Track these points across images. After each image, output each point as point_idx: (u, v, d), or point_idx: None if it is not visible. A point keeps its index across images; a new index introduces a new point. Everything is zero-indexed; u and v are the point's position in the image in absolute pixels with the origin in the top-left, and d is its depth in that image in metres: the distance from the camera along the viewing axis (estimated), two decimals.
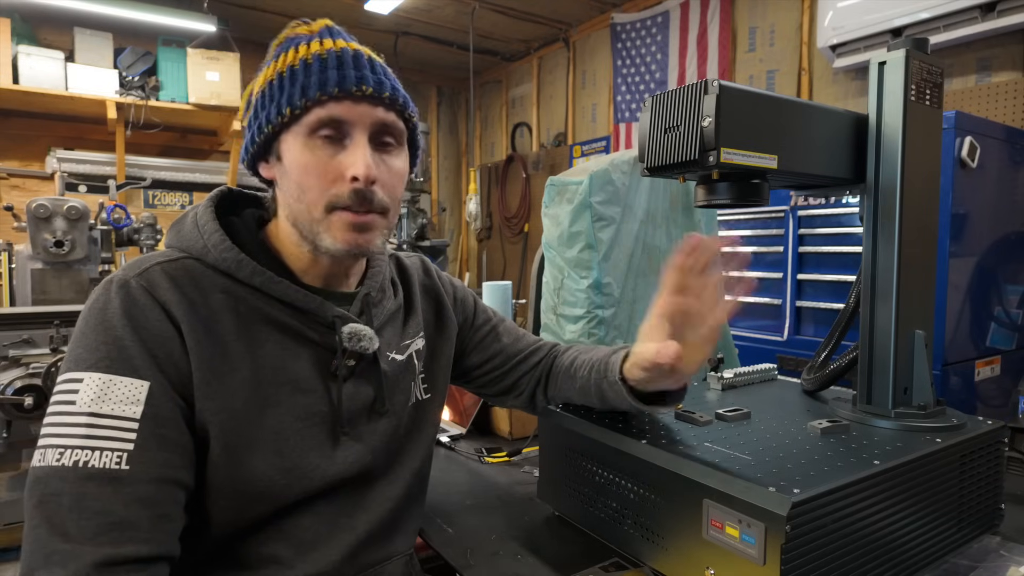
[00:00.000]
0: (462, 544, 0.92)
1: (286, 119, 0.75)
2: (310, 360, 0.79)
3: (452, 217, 6.87)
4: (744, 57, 3.99)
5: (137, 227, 3.69)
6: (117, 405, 0.66)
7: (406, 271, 1.00)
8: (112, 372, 0.67)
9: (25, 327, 2.51)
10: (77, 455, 0.63)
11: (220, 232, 0.78)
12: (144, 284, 0.71)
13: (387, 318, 0.90)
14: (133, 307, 0.70)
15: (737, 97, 0.78)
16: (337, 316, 0.80)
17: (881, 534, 0.72)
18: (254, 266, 0.76)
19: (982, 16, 2.68)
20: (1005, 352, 2.23)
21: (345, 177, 0.75)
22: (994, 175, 2.11)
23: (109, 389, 0.66)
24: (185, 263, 0.76)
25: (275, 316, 0.77)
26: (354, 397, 0.82)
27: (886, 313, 0.90)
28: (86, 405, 0.65)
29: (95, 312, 0.70)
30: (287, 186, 0.78)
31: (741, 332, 2.53)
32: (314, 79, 0.74)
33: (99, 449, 0.64)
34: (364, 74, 0.76)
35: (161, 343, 0.70)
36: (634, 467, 0.80)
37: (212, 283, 0.75)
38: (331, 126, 0.75)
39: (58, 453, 0.64)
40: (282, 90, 0.75)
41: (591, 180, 1.41)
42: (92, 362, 0.67)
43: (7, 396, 2.29)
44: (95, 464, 0.63)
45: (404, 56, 5.66)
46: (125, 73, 4.48)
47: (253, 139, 0.79)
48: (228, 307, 0.75)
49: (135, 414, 0.66)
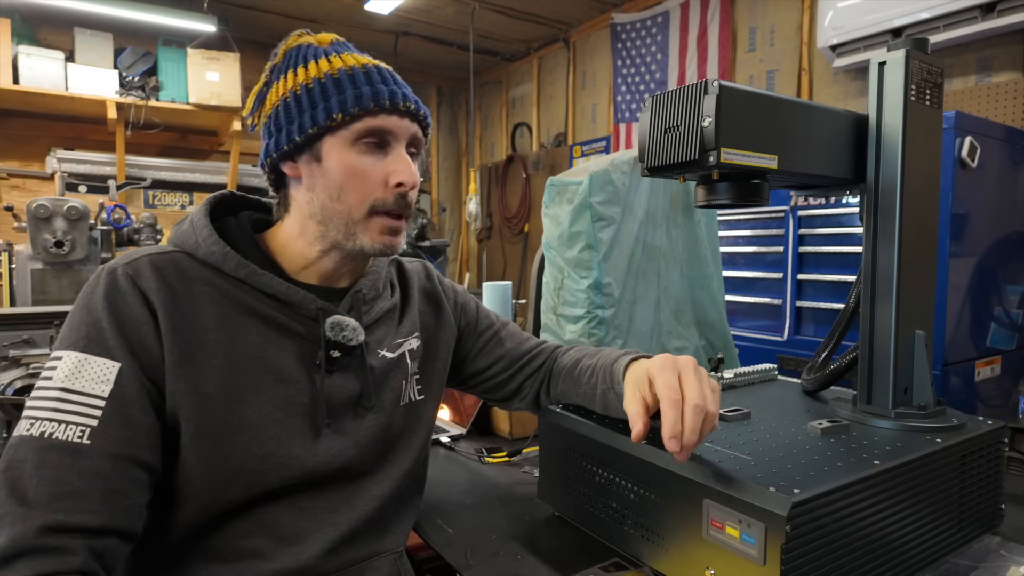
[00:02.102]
0: (462, 544, 0.92)
1: (335, 123, 0.80)
2: (295, 352, 0.81)
3: (452, 217, 6.87)
4: (744, 57, 3.99)
5: (137, 227, 3.69)
6: (88, 383, 0.69)
7: (406, 274, 1.02)
8: (88, 352, 0.71)
9: (25, 327, 2.51)
10: (44, 426, 0.67)
11: (210, 228, 0.82)
12: (130, 272, 0.75)
13: (380, 316, 0.92)
14: (115, 293, 0.74)
15: (737, 97, 0.78)
16: (320, 308, 0.82)
17: (881, 534, 0.72)
18: (239, 259, 0.80)
19: (982, 16, 2.68)
20: (1005, 352, 2.23)
21: (389, 183, 0.82)
22: (994, 175, 2.11)
23: (83, 367, 0.70)
24: (174, 256, 0.80)
25: (259, 308, 0.80)
26: (339, 390, 0.84)
27: (886, 313, 0.90)
28: (60, 381, 0.69)
29: (84, 296, 0.75)
30: (323, 185, 0.82)
31: (741, 332, 2.53)
32: (366, 90, 0.80)
33: (64, 423, 0.67)
34: (406, 92, 0.84)
35: (135, 327, 0.73)
36: (634, 467, 0.80)
37: (198, 275, 0.79)
38: (376, 135, 0.82)
39: (29, 424, 0.68)
40: (326, 96, 0.80)
41: (591, 180, 1.41)
42: (72, 341, 0.71)
43: (7, 396, 2.29)
44: (59, 436, 0.67)
45: (404, 56, 5.66)
46: (125, 73, 4.49)
47: (291, 138, 0.81)
48: (210, 298, 0.78)
49: (103, 392, 0.70)
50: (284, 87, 0.83)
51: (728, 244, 2.63)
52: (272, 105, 0.84)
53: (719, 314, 1.64)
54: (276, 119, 0.83)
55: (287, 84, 0.83)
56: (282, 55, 0.86)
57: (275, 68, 0.86)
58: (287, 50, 0.86)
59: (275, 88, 0.84)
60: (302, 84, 0.82)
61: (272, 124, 0.83)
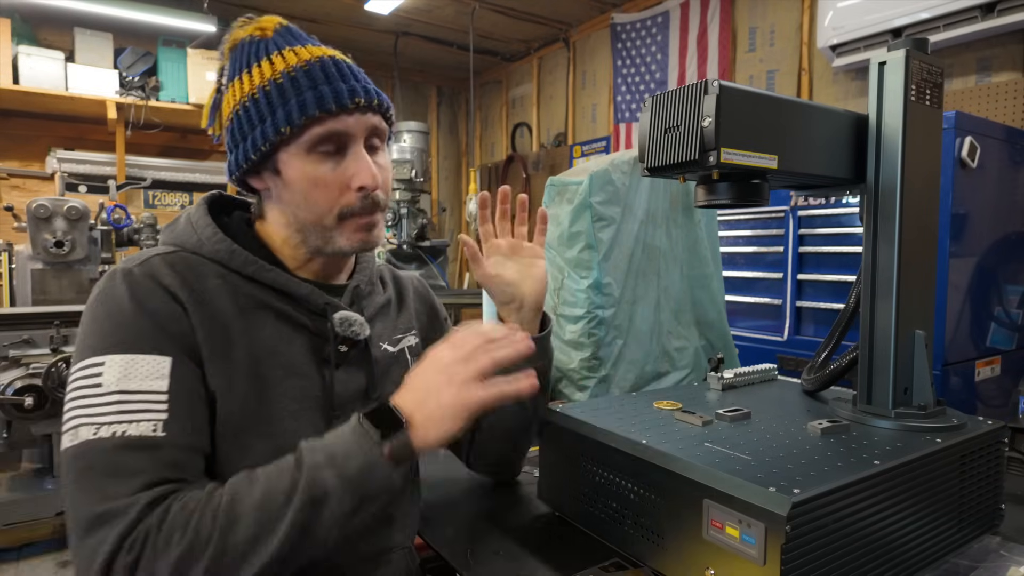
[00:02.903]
0: (462, 544, 0.92)
1: (285, 137, 0.77)
2: (304, 346, 0.82)
3: (452, 217, 6.87)
4: (744, 57, 3.99)
5: (137, 227, 3.69)
6: (143, 381, 0.69)
7: (399, 279, 1.05)
8: (132, 352, 0.69)
9: (25, 327, 2.51)
10: (113, 428, 0.66)
11: (213, 226, 0.81)
12: (147, 271, 0.75)
13: (377, 310, 0.93)
14: (139, 291, 0.73)
15: (737, 97, 0.78)
16: (328, 303, 0.83)
17: (881, 534, 0.72)
18: (246, 255, 0.80)
19: (982, 16, 2.68)
20: (1005, 352, 2.23)
21: (351, 187, 0.80)
22: (994, 175, 2.11)
23: (132, 367, 0.69)
24: (181, 254, 0.79)
25: (269, 303, 0.80)
26: (347, 383, 0.85)
27: (886, 313, 0.90)
28: (113, 385, 0.68)
29: (102, 301, 0.73)
30: (289, 197, 0.81)
31: (741, 332, 2.53)
32: (309, 96, 0.76)
33: (134, 421, 0.67)
34: (354, 85, 0.79)
35: (172, 321, 0.73)
36: (634, 467, 0.80)
37: (208, 271, 0.79)
38: (330, 140, 0.79)
39: (94, 429, 0.66)
40: (272, 108, 0.77)
41: (591, 180, 1.41)
42: (109, 346, 0.70)
43: (7, 396, 2.29)
44: (132, 432, 0.66)
45: (404, 56, 5.66)
46: (125, 73, 4.49)
47: (247, 157, 0.80)
48: (225, 291, 0.78)
49: (162, 387, 0.69)
50: (235, 97, 0.80)
51: (728, 244, 2.63)
52: (227, 117, 0.82)
53: (719, 314, 1.64)
54: (232, 133, 0.81)
55: (237, 94, 0.80)
56: (228, 55, 0.83)
57: (223, 71, 0.83)
58: (232, 49, 0.82)
59: (227, 97, 0.82)
60: (249, 94, 0.79)
61: (230, 138, 0.82)
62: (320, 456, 0.68)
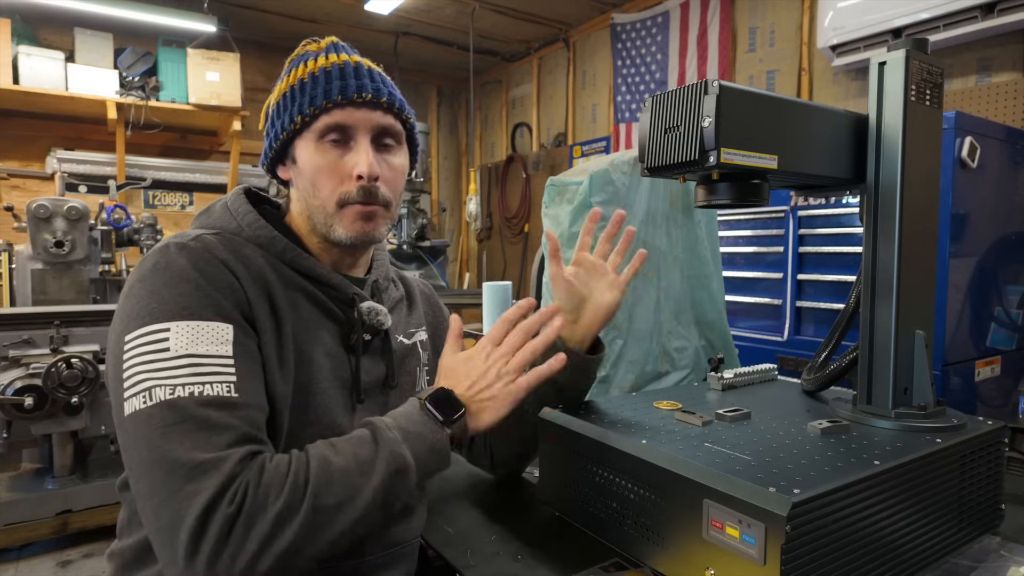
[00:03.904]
0: (462, 544, 0.92)
1: (298, 126, 0.86)
2: (333, 332, 0.87)
3: (452, 217, 6.87)
4: (744, 57, 3.99)
5: (137, 227, 3.69)
6: (211, 346, 0.71)
7: (406, 280, 1.10)
8: (196, 319, 0.72)
9: (25, 327, 2.51)
10: (191, 388, 0.68)
11: (254, 213, 0.87)
12: (202, 244, 0.78)
13: (393, 304, 0.99)
14: (200, 262, 0.76)
15: (737, 97, 0.78)
16: (356, 294, 0.89)
17: (881, 534, 0.72)
18: (286, 243, 0.86)
19: (982, 16, 2.68)
20: (1005, 352, 2.23)
21: (352, 176, 0.86)
22: (994, 175, 2.11)
23: (199, 333, 0.72)
24: (226, 236, 0.84)
25: (305, 287, 0.86)
26: (370, 371, 0.90)
27: (886, 313, 0.90)
28: (183, 348, 0.70)
29: (160, 270, 0.75)
30: (302, 185, 0.88)
31: (741, 332, 2.53)
32: (320, 89, 0.85)
33: (209, 383, 0.69)
34: (363, 83, 0.86)
35: (231, 292, 0.76)
36: (634, 467, 0.80)
37: (252, 252, 0.83)
38: (337, 131, 0.86)
39: (169, 390, 0.68)
40: (294, 101, 0.86)
41: (591, 180, 1.41)
42: (173, 312, 0.72)
43: (7, 396, 2.29)
44: (210, 393, 0.69)
45: (404, 56, 5.66)
46: (125, 73, 4.49)
47: (271, 145, 0.90)
48: (270, 269, 0.83)
49: (227, 352, 0.72)
50: (273, 98, 0.90)
51: (728, 244, 2.63)
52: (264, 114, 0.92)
53: (719, 314, 1.64)
54: (267, 129, 0.91)
55: (274, 95, 0.90)
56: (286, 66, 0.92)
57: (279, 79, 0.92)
58: (289, 61, 0.93)
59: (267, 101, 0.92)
60: (280, 93, 0.88)
61: (265, 131, 0.92)
62: (396, 433, 0.74)
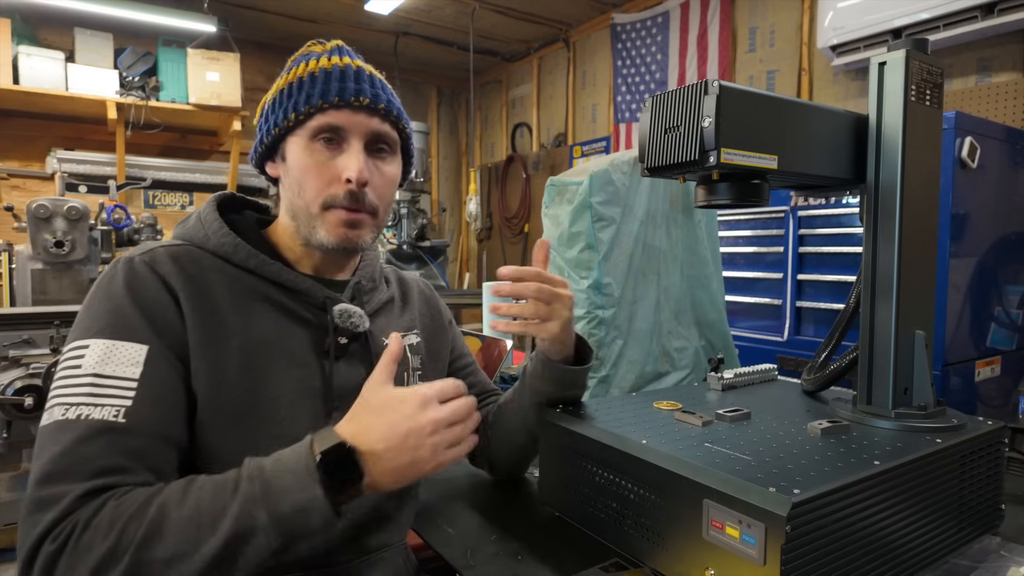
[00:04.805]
0: (462, 544, 0.92)
1: (292, 123, 0.84)
2: (305, 338, 0.85)
3: (452, 217, 6.87)
4: (744, 57, 3.99)
5: (137, 227, 3.69)
6: (119, 367, 0.71)
7: (405, 280, 1.08)
8: (114, 338, 0.72)
9: (25, 327, 2.51)
10: (80, 410, 0.68)
11: (220, 222, 0.86)
12: (147, 260, 0.79)
13: (380, 306, 0.96)
14: (135, 280, 0.76)
15: (737, 97, 0.78)
16: (328, 297, 0.87)
17: (881, 534, 0.72)
18: (249, 250, 0.84)
19: (982, 16, 2.68)
20: (1005, 352, 2.23)
21: (340, 178, 0.84)
22: (994, 175, 2.11)
23: (112, 353, 0.71)
24: (187, 248, 0.83)
25: (270, 295, 0.84)
26: (347, 375, 0.87)
27: (886, 313, 0.90)
28: (91, 367, 0.70)
29: (101, 286, 0.77)
30: (289, 183, 0.87)
31: (741, 332, 2.53)
32: (318, 89, 0.84)
33: (100, 405, 0.69)
34: (362, 87, 0.85)
35: (159, 310, 0.75)
36: (634, 467, 0.80)
37: (210, 264, 0.82)
38: (330, 132, 0.84)
39: (63, 409, 0.68)
40: (290, 97, 0.85)
41: (591, 180, 1.41)
42: (97, 330, 0.73)
43: (7, 396, 2.29)
44: (95, 416, 0.68)
45: (404, 56, 5.65)
46: (125, 73, 4.48)
47: (262, 140, 0.89)
48: (225, 284, 0.81)
49: (134, 375, 0.71)
50: (270, 94, 0.89)
51: (728, 244, 2.63)
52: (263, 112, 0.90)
53: (719, 314, 1.64)
54: (259, 124, 0.90)
55: (272, 92, 0.89)
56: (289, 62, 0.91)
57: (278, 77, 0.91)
58: (294, 58, 0.91)
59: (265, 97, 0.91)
60: (279, 88, 0.87)
61: (258, 127, 0.91)
62: (257, 487, 0.65)
